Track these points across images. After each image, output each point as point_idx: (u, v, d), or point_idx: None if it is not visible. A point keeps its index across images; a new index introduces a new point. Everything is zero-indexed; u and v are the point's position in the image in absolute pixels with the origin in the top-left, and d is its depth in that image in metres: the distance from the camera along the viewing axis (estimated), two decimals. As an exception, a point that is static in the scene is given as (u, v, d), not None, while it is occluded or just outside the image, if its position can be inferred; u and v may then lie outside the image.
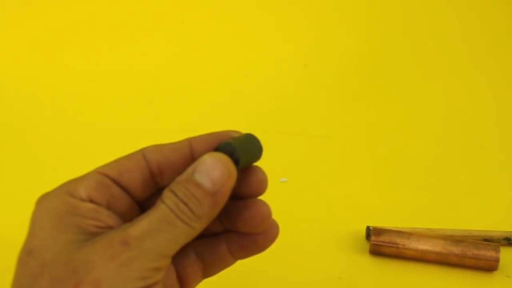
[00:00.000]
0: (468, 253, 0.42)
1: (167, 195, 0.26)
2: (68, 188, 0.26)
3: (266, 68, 0.62)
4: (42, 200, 0.26)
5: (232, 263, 0.31)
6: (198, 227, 0.26)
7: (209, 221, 0.27)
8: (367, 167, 0.52)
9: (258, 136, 0.30)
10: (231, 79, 0.61)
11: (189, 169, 0.27)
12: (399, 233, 0.43)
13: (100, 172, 0.28)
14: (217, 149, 0.28)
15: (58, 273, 0.24)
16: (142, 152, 0.29)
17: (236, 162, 0.27)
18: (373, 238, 0.43)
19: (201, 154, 0.28)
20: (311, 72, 0.61)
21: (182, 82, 0.60)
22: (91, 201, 0.26)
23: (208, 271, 0.31)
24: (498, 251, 0.42)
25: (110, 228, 0.26)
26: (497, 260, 0.42)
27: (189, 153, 0.29)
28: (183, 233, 0.26)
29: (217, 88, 0.60)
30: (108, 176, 0.28)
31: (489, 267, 0.43)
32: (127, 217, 0.28)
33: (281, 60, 0.63)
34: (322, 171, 0.51)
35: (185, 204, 0.26)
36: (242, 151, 0.28)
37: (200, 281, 0.31)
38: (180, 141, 0.29)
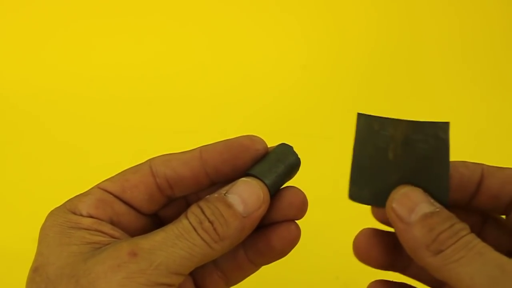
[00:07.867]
0: None
1: (193, 210, 0.25)
2: (70, 206, 0.26)
3: (265, 69, 0.62)
4: (48, 218, 0.26)
5: (254, 270, 0.29)
6: (219, 249, 0.25)
7: (231, 246, 0.25)
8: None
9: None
10: (230, 80, 0.61)
11: (223, 189, 0.26)
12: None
13: (102, 188, 0.27)
14: (250, 174, 0.27)
15: (61, 286, 0.23)
16: (149, 164, 0.27)
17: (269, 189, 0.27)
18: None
19: (214, 167, 0.27)
20: (309, 72, 0.62)
21: (180, 82, 0.60)
22: (92, 217, 0.26)
23: (229, 280, 0.29)
24: None
25: (117, 239, 0.25)
26: None
27: (200, 165, 0.27)
28: (201, 253, 0.24)
29: (216, 89, 0.60)
30: (110, 193, 0.27)
31: None
32: (136, 233, 0.26)
33: (280, 61, 0.63)
34: (322, 172, 0.51)
35: (211, 222, 0.24)
36: (276, 175, 0.27)
37: None
38: (190, 152, 0.28)
